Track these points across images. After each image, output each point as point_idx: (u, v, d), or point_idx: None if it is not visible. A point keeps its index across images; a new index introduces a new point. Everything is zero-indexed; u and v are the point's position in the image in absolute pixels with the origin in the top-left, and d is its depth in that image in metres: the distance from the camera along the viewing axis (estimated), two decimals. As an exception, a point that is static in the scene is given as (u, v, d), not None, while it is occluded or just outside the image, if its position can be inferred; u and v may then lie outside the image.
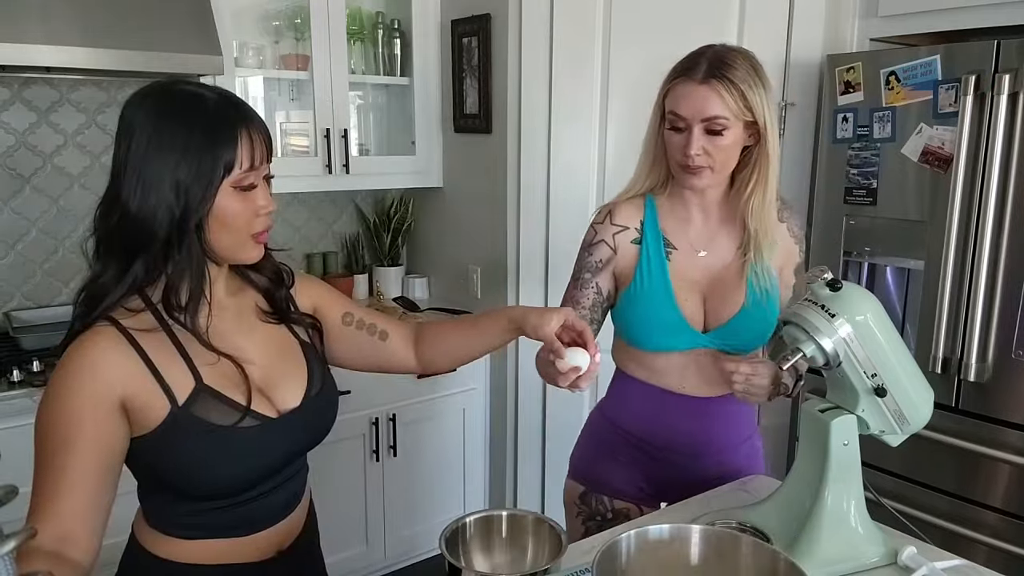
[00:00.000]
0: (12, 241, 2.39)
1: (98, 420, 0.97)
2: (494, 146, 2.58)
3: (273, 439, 1.08)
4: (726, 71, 1.29)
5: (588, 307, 1.44)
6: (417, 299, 2.99)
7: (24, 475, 1.04)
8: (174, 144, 0.97)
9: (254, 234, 1.05)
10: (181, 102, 1.00)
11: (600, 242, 1.45)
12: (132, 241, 0.99)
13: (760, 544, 1.02)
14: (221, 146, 0.98)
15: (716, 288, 1.42)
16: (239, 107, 1.02)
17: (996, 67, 1.83)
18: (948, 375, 1.99)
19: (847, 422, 1.18)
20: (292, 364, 1.15)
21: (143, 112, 1.00)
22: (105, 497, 0.99)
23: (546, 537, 1.12)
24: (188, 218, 0.98)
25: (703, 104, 1.29)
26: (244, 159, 0.99)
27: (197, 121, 0.98)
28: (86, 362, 0.97)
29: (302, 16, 2.56)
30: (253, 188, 1.02)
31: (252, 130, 1.01)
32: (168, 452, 1.02)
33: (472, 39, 2.60)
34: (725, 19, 2.31)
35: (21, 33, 1.90)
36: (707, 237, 1.44)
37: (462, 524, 1.12)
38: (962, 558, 1.22)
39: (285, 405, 1.11)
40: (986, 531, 1.95)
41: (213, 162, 0.97)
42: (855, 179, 2.14)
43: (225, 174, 0.98)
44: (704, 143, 1.30)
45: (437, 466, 2.72)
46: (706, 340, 1.42)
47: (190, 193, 0.97)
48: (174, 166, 0.97)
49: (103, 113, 2.48)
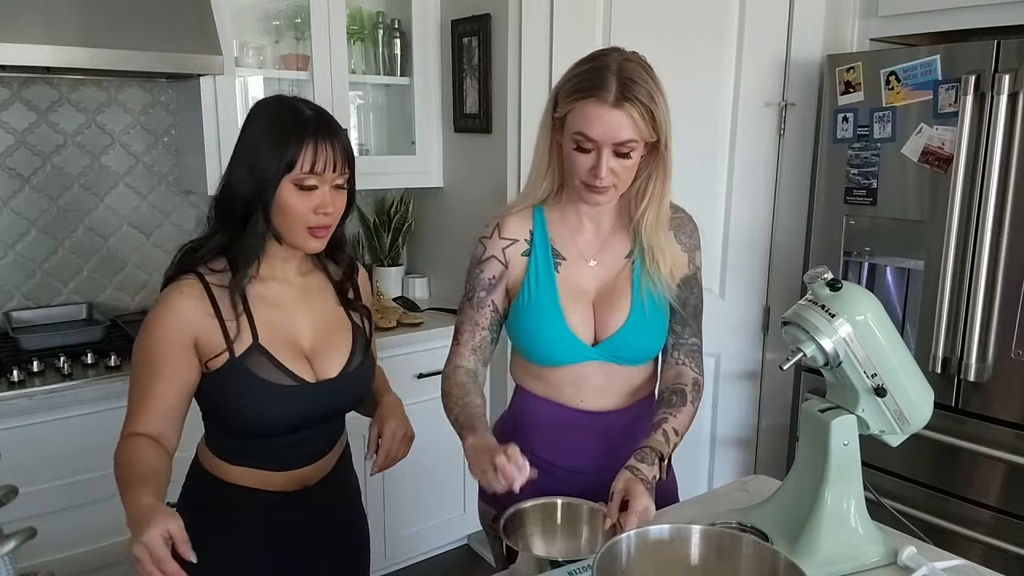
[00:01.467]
0: (12, 241, 2.39)
1: (178, 352, 1.21)
2: (494, 146, 2.59)
3: (308, 399, 1.28)
4: (635, 91, 1.22)
5: (487, 327, 1.42)
6: (417, 299, 2.99)
7: (24, 475, 1.05)
8: (259, 138, 1.21)
9: (310, 227, 1.23)
10: (281, 108, 1.24)
11: (490, 258, 1.41)
12: (221, 212, 1.24)
13: (760, 544, 1.02)
14: (289, 147, 1.18)
15: (605, 297, 1.39)
16: (322, 122, 1.22)
17: (996, 67, 1.83)
18: (948, 375, 1.99)
19: (847, 422, 1.18)
20: (339, 340, 1.35)
21: (255, 112, 1.25)
22: (182, 409, 1.25)
23: (600, 525, 1.19)
24: (256, 199, 1.20)
25: (616, 129, 1.23)
26: (305, 162, 1.19)
27: (281, 124, 1.20)
28: (171, 305, 1.22)
29: (302, 16, 2.56)
30: (313, 189, 1.21)
31: (322, 142, 1.20)
32: (222, 391, 1.24)
33: (472, 39, 2.61)
34: (725, 19, 2.31)
35: (21, 33, 1.90)
36: (597, 246, 1.41)
37: (520, 510, 1.21)
38: (962, 558, 1.23)
39: (325, 374, 1.31)
40: (985, 531, 1.95)
41: (279, 158, 1.18)
42: (855, 179, 2.14)
43: (287, 171, 1.18)
44: (612, 164, 1.26)
45: (437, 466, 2.72)
46: (595, 353, 1.37)
47: (261, 179, 1.19)
48: (256, 155, 1.20)
49: (103, 113, 2.48)
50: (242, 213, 1.22)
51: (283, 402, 1.26)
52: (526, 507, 1.21)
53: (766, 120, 2.35)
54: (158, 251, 2.63)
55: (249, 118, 1.26)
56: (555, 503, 1.24)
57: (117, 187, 2.54)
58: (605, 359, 1.38)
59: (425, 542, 2.77)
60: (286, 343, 1.28)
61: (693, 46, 2.32)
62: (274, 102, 1.28)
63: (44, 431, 1.97)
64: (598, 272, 1.40)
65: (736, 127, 2.37)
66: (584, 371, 1.39)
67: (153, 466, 1.16)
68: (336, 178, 1.23)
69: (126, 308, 2.60)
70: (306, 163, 1.19)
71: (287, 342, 1.28)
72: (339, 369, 1.32)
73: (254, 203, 1.20)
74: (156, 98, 2.57)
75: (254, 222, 1.21)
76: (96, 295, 2.55)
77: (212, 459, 1.33)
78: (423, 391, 2.61)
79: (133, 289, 2.62)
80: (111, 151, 2.51)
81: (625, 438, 1.40)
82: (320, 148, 1.20)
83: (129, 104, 2.52)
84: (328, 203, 1.23)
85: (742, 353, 2.50)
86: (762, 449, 2.54)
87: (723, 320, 2.47)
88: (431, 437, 2.94)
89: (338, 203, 1.26)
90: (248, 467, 1.31)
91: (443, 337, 2.61)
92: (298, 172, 1.19)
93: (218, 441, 1.33)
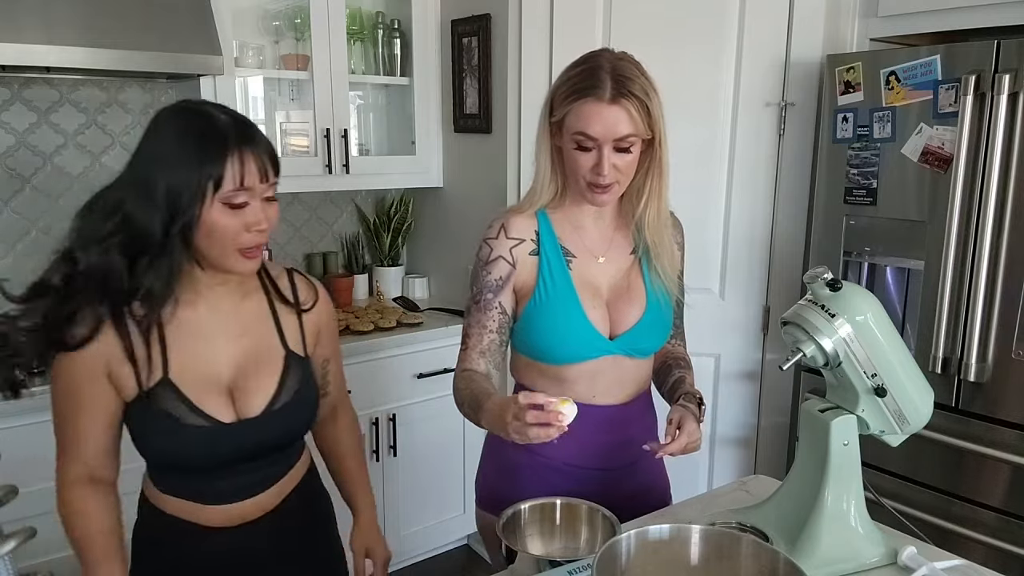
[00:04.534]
0: (12, 241, 2.39)
1: (92, 384, 1.14)
2: (494, 146, 2.59)
3: (221, 440, 1.18)
4: (630, 87, 1.25)
5: (495, 329, 1.39)
6: (417, 299, 2.99)
7: (24, 475, 1.05)
8: (168, 153, 1.07)
9: (241, 248, 1.11)
10: (191, 117, 1.09)
11: (498, 258, 1.39)
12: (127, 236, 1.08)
13: (760, 544, 1.02)
14: (211, 162, 1.05)
15: (619, 293, 1.41)
16: (242, 129, 1.09)
17: (996, 67, 1.83)
18: (948, 375, 1.99)
19: (847, 422, 1.18)
20: (265, 375, 1.22)
21: (157, 124, 1.11)
22: (113, 440, 1.20)
23: (599, 525, 1.19)
24: (170, 224, 1.06)
25: (615, 125, 1.25)
26: (234, 177, 1.06)
27: (195, 136, 1.06)
28: None
29: (302, 16, 2.56)
30: (244, 206, 1.09)
31: (247, 152, 1.07)
32: (132, 425, 1.18)
33: (472, 39, 2.61)
34: (725, 19, 2.31)
35: (21, 33, 1.90)
36: (603, 243, 1.42)
37: (518, 511, 1.19)
38: (962, 558, 1.23)
39: (246, 412, 1.19)
40: (985, 531, 1.95)
41: (200, 175, 1.05)
42: (855, 179, 2.14)
43: (214, 189, 1.06)
44: (614, 160, 1.28)
45: (437, 466, 2.72)
46: (614, 347, 1.38)
47: (175, 203, 1.05)
48: (166, 174, 1.05)
49: (103, 113, 2.48)
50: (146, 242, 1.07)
51: (191, 442, 1.16)
52: (525, 507, 1.21)
53: (766, 120, 2.35)
54: (158, 251, 2.63)
55: (150, 131, 1.10)
56: (554, 503, 1.24)
57: (117, 187, 2.53)
58: (621, 353, 1.40)
59: (425, 542, 2.77)
60: (202, 378, 1.17)
61: (693, 46, 2.32)
62: (181, 110, 1.12)
63: (44, 431, 1.95)
64: (607, 268, 1.42)
65: (736, 127, 2.37)
66: (599, 366, 1.40)
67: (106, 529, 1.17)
68: (267, 189, 1.11)
69: (126, 308, 2.59)
70: (235, 178, 1.06)
71: (204, 377, 1.17)
72: (262, 407, 1.20)
73: (167, 228, 1.06)
74: (156, 98, 2.57)
75: (167, 250, 1.07)
76: (96, 295, 2.54)
77: (151, 489, 1.26)
78: (423, 391, 2.61)
79: (133, 289, 2.61)
80: (111, 151, 2.51)
81: (632, 429, 1.44)
82: (247, 159, 1.07)
83: (129, 104, 2.52)
84: (261, 218, 1.11)
85: (742, 353, 2.50)
86: (762, 449, 2.53)
87: (723, 320, 2.47)
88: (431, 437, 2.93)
89: (271, 216, 1.13)
90: (177, 498, 1.23)
91: (443, 337, 2.61)
92: (227, 189, 1.06)
93: (150, 472, 1.26)
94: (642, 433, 1.45)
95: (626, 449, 1.43)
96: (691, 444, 1.29)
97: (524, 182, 2.48)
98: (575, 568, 1.10)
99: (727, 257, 2.45)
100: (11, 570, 0.88)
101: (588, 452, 1.41)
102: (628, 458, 1.44)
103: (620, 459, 1.44)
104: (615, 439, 1.43)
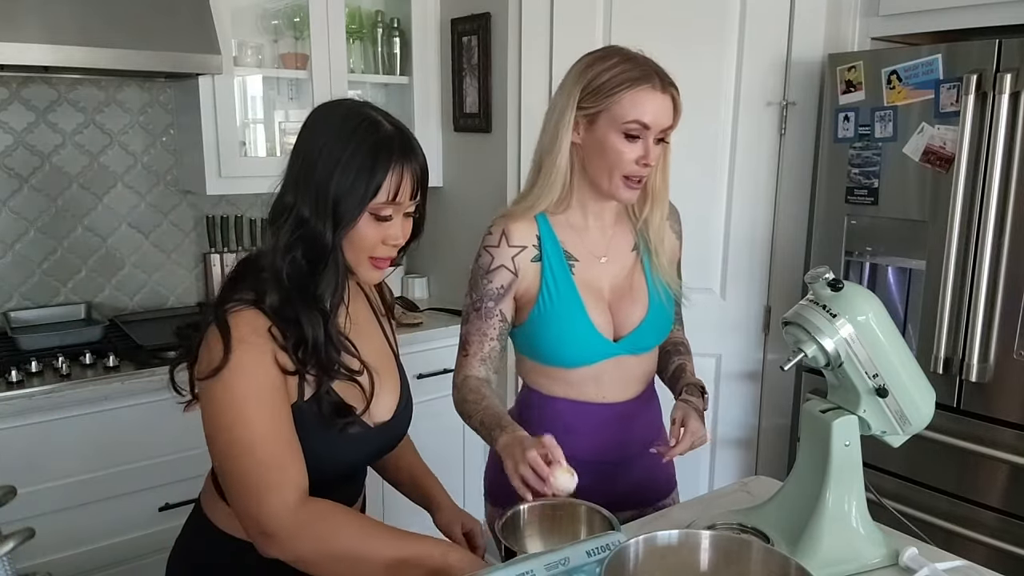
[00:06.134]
0: (11, 241, 2.39)
1: (282, 393, 1.04)
2: (494, 146, 2.58)
3: (363, 447, 1.15)
4: (671, 79, 1.29)
5: (495, 337, 1.39)
6: (417, 299, 2.99)
7: (23, 475, 1.04)
8: (336, 157, 1.03)
9: (372, 258, 1.10)
10: (357, 121, 1.06)
11: (499, 267, 1.38)
12: (305, 243, 1.04)
13: (770, 550, 1.01)
14: (375, 172, 1.03)
15: (622, 294, 1.41)
16: (407, 143, 1.07)
17: (998, 66, 1.82)
18: (950, 375, 1.98)
19: (848, 423, 1.17)
20: (390, 375, 1.21)
21: (322, 121, 1.07)
22: None
23: (598, 525, 1.18)
24: (338, 228, 1.04)
25: (667, 114, 1.28)
26: (390, 190, 1.04)
27: (362, 142, 1.03)
28: (256, 342, 1.02)
29: (301, 15, 2.56)
30: (389, 219, 1.07)
31: (407, 168, 1.05)
32: None
33: (472, 38, 2.60)
34: (725, 18, 2.31)
35: (19, 32, 1.90)
36: (604, 243, 1.42)
37: (517, 511, 1.19)
38: (963, 559, 1.22)
39: (380, 417, 1.16)
40: (987, 532, 1.94)
41: (364, 184, 1.03)
42: (856, 179, 2.14)
43: (371, 198, 1.04)
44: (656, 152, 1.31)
45: (436, 466, 2.70)
46: (617, 349, 1.40)
47: (343, 207, 1.03)
48: (334, 178, 1.02)
49: (102, 113, 2.47)
50: (320, 247, 1.05)
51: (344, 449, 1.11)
52: (524, 508, 1.21)
53: (767, 119, 2.35)
54: (157, 251, 2.63)
55: (314, 129, 1.08)
56: (553, 503, 1.23)
57: (116, 187, 2.53)
58: (625, 352, 1.40)
59: (425, 542, 2.76)
60: (343, 383, 1.12)
61: (694, 45, 2.31)
62: (346, 112, 1.08)
63: (43, 431, 1.97)
64: (610, 268, 1.42)
65: (737, 126, 2.36)
66: (604, 367, 1.41)
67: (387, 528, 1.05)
68: (410, 206, 1.09)
69: (125, 308, 2.59)
70: (391, 191, 1.04)
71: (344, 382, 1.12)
72: (392, 411, 1.19)
73: (335, 233, 1.04)
74: (155, 97, 2.56)
75: (336, 253, 1.06)
76: (95, 295, 2.54)
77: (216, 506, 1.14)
78: (423, 391, 2.60)
79: (132, 289, 2.61)
80: (110, 151, 2.50)
81: (644, 426, 1.47)
82: (406, 174, 1.05)
83: (128, 104, 2.52)
84: (399, 234, 1.09)
85: (743, 353, 2.49)
86: (763, 450, 2.53)
87: (724, 320, 2.46)
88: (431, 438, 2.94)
89: (407, 231, 1.12)
90: None
91: (443, 337, 2.60)
92: (379, 201, 1.04)
93: None
94: (647, 426, 1.48)
95: (633, 443, 1.45)
96: (697, 442, 1.31)
97: (524, 181, 2.47)
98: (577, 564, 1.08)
99: (728, 257, 2.45)
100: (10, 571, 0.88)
101: (597, 448, 1.42)
102: (635, 450, 1.45)
103: (627, 452, 1.45)
104: (623, 434, 1.44)
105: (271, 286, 1.05)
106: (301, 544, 0.98)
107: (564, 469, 1.12)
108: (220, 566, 1.10)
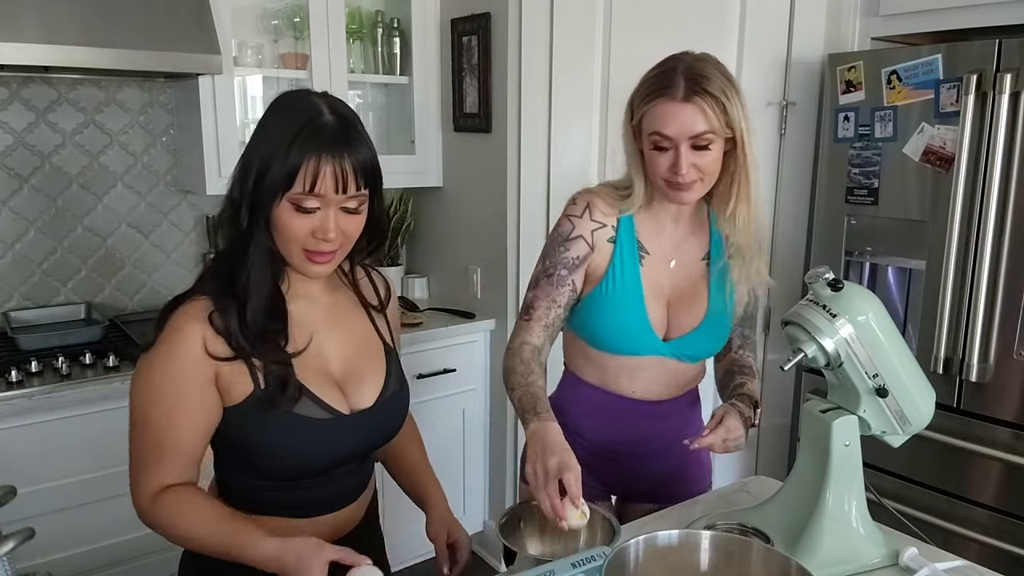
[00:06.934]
0: (11, 241, 2.39)
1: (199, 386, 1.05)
2: (494, 146, 2.58)
3: (339, 434, 1.13)
4: (705, 85, 1.25)
5: (563, 305, 1.39)
6: (417, 299, 2.99)
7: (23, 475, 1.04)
8: (271, 137, 1.04)
9: (307, 251, 1.07)
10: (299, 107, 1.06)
11: (578, 237, 1.39)
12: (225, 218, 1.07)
13: (770, 550, 1.01)
14: (291, 158, 1.01)
15: (681, 298, 1.41)
16: (339, 135, 1.04)
17: (998, 66, 1.83)
18: (950, 375, 1.98)
19: (848, 423, 1.18)
20: (372, 363, 1.20)
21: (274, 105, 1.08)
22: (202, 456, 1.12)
23: (598, 526, 1.18)
24: (255, 212, 1.04)
25: (690, 123, 1.25)
26: (306, 181, 1.02)
27: (292, 127, 1.02)
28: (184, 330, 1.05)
29: (301, 15, 2.55)
30: (312, 211, 1.04)
31: (332, 159, 1.02)
32: (245, 429, 1.09)
33: (472, 38, 2.60)
34: (725, 18, 2.31)
35: (19, 32, 1.90)
36: (675, 246, 1.43)
37: (517, 511, 1.19)
38: (963, 559, 1.22)
39: (359, 404, 1.16)
40: (987, 531, 1.94)
41: (280, 169, 1.02)
42: (856, 178, 2.14)
43: (285, 187, 1.02)
44: (693, 159, 1.28)
45: (437, 466, 2.70)
46: (665, 349, 1.40)
47: (260, 187, 1.03)
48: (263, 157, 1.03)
49: (101, 112, 2.47)
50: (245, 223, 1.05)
51: (314, 437, 1.10)
52: (524, 507, 1.21)
53: (767, 119, 2.35)
54: (157, 251, 2.62)
55: (267, 112, 1.09)
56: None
57: (116, 187, 2.53)
58: (671, 355, 1.41)
59: (425, 543, 2.74)
60: (315, 369, 1.12)
61: (694, 45, 2.29)
62: (294, 98, 1.09)
63: (42, 431, 1.97)
64: (675, 272, 1.42)
65: (737, 126, 2.36)
66: (645, 363, 1.42)
67: (224, 513, 1.06)
68: (345, 200, 1.05)
69: (125, 308, 2.59)
70: (306, 182, 1.02)
71: (316, 369, 1.12)
72: (374, 398, 1.17)
73: (254, 212, 1.05)
74: (155, 97, 2.56)
75: (258, 235, 1.06)
76: (95, 295, 2.54)
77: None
78: (423, 391, 2.61)
79: (132, 289, 2.61)
80: (110, 151, 2.50)
81: (672, 425, 1.47)
82: (324, 165, 1.01)
83: (128, 104, 2.52)
84: (330, 227, 1.05)
85: (743, 353, 2.49)
86: (763, 450, 2.53)
87: (723, 320, 2.46)
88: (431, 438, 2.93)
89: (347, 227, 1.08)
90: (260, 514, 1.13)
91: (443, 337, 2.60)
92: (295, 191, 1.02)
93: (227, 484, 1.17)
94: (679, 424, 1.48)
95: (661, 436, 1.46)
96: (730, 440, 1.29)
97: (524, 181, 2.48)
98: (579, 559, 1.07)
99: (728, 257, 2.44)
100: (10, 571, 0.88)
101: (618, 437, 1.45)
102: (662, 444, 1.46)
103: (654, 444, 1.47)
104: (644, 428, 1.46)
105: (210, 272, 1.10)
106: (154, 526, 1.09)
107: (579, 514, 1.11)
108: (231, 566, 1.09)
